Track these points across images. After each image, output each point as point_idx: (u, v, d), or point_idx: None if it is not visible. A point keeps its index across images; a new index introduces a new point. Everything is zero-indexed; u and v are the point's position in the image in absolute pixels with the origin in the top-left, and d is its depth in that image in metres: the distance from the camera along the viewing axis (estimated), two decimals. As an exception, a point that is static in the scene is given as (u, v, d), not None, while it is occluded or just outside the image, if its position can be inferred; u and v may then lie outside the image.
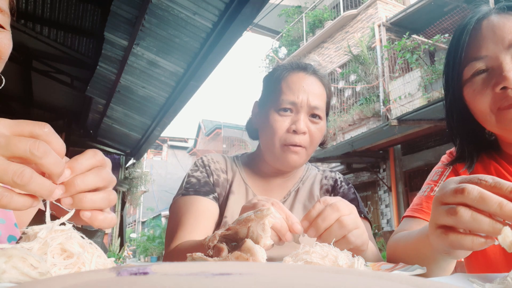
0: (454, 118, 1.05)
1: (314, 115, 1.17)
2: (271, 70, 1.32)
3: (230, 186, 1.24)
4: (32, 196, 0.48)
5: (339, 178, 1.35)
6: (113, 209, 7.55)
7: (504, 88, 0.87)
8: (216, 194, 1.20)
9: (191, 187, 1.18)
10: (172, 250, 1.05)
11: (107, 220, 0.57)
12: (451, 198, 0.61)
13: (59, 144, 0.51)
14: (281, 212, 0.79)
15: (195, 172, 1.24)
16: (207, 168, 1.25)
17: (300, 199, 1.26)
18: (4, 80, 1.04)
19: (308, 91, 1.17)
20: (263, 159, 1.26)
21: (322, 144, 1.31)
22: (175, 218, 1.14)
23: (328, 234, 0.77)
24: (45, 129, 0.50)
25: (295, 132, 1.14)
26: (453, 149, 1.14)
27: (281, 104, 1.15)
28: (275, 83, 1.22)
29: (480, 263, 0.99)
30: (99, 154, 0.58)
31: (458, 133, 1.06)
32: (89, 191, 0.55)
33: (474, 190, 0.58)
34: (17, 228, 0.83)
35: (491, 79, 0.90)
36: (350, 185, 1.34)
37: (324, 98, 1.22)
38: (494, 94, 0.90)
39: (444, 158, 1.16)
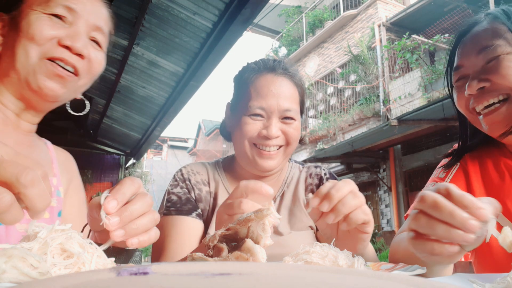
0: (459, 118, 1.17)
1: (286, 117, 1.11)
2: (240, 69, 1.24)
3: (214, 199, 1.17)
4: None
5: (325, 174, 1.26)
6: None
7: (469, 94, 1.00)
8: (199, 210, 1.14)
9: (172, 206, 1.12)
10: None
11: (152, 238, 0.57)
12: (416, 205, 0.65)
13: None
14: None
15: (175, 188, 1.17)
16: (187, 182, 1.17)
17: (286, 204, 1.20)
18: (88, 104, 1.06)
19: (278, 94, 1.10)
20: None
21: (299, 141, 1.24)
22: (159, 240, 1.11)
23: (341, 204, 0.75)
24: (39, 171, 0.47)
25: (266, 137, 1.08)
26: (455, 145, 1.19)
27: (250, 110, 1.09)
28: (243, 86, 1.16)
29: (486, 264, 0.99)
30: (137, 181, 0.57)
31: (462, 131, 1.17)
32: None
33: (428, 198, 0.61)
34: None
35: (465, 84, 1.03)
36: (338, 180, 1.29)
37: (297, 98, 1.15)
38: (465, 98, 1.04)
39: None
